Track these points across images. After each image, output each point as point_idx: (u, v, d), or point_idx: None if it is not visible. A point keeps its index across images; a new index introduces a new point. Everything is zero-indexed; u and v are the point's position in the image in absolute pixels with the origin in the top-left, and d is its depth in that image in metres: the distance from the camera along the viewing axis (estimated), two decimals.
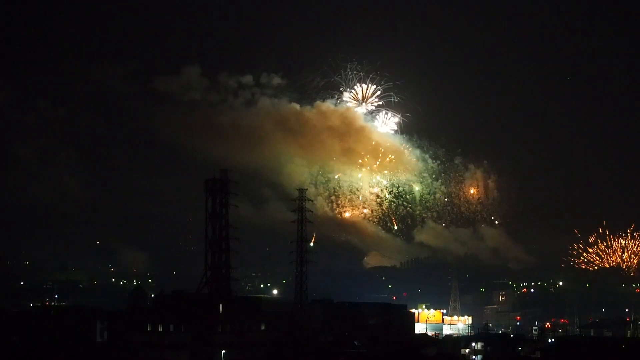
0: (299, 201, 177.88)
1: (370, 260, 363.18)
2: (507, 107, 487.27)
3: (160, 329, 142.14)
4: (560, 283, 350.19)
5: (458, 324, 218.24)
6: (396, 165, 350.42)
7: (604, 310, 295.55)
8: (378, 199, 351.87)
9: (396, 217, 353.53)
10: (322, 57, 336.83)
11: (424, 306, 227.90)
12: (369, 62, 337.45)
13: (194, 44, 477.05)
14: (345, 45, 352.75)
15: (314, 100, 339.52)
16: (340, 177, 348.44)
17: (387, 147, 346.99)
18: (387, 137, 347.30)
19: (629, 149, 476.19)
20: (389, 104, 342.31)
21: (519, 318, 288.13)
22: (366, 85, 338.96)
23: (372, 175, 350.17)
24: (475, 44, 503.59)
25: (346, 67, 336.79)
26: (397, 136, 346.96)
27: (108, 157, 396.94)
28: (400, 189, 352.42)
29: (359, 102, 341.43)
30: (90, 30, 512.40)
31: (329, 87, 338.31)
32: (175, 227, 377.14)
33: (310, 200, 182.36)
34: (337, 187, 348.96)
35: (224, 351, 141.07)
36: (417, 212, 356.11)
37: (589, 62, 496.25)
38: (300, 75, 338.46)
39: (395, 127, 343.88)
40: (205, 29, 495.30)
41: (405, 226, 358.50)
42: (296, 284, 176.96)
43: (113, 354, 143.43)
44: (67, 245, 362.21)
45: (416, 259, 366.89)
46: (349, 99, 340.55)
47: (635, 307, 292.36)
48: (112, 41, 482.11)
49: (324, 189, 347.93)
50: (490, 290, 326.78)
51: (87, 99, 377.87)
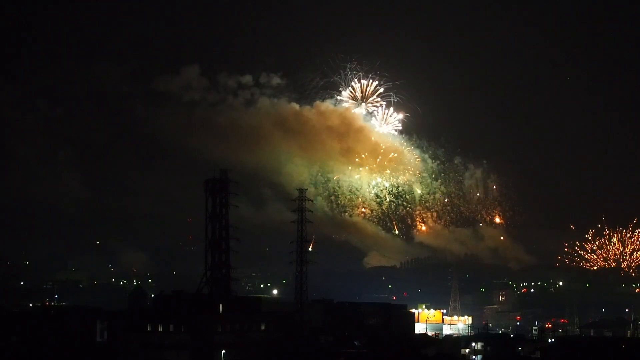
0: (299, 201, 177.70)
1: (370, 260, 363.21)
2: (506, 107, 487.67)
3: (160, 329, 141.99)
4: (560, 283, 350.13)
5: (458, 324, 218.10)
6: (396, 165, 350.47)
7: (604, 310, 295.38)
8: (378, 199, 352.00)
9: (396, 217, 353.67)
10: (322, 57, 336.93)
11: (424, 306, 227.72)
12: (369, 62, 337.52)
13: (193, 44, 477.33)
14: (344, 45, 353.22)
15: (314, 100, 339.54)
16: (339, 177, 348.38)
17: (387, 147, 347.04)
18: (387, 136, 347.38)
19: (629, 148, 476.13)
20: (389, 103, 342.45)
21: (519, 318, 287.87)
22: (366, 81, 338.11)
23: (371, 175, 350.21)
24: (475, 44, 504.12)
25: (345, 67, 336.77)
26: (397, 136, 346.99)
27: (108, 157, 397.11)
28: (400, 189, 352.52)
29: (358, 102, 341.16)
30: (89, 30, 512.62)
31: (329, 87, 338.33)
32: (175, 227, 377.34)
33: (310, 200, 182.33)
34: (337, 187, 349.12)
35: (224, 351, 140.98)
36: (417, 212, 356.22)
37: (589, 62, 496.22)
38: (299, 75, 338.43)
39: (399, 125, 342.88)
40: (204, 29, 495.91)
41: (405, 226, 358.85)
42: (296, 284, 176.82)
43: (113, 354, 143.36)
44: (67, 245, 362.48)
45: (416, 259, 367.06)
46: (348, 99, 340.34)
47: (635, 307, 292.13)
48: (112, 41, 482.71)
49: (324, 189, 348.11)
50: (490, 290, 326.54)
51: (86, 98, 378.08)
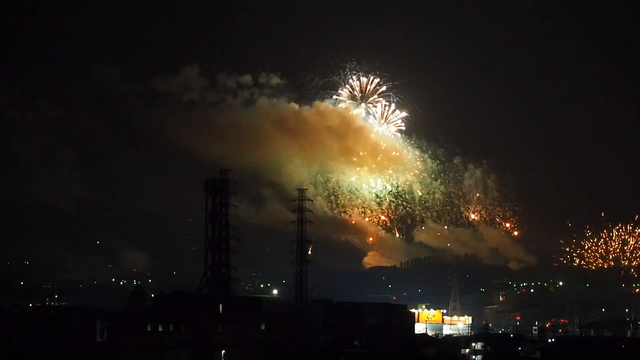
0: (299, 201, 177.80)
1: (370, 260, 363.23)
2: (506, 107, 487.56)
3: (160, 329, 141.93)
4: (560, 283, 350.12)
5: (458, 324, 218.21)
6: (395, 165, 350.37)
7: (604, 310, 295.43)
8: (377, 199, 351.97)
9: (395, 217, 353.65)
10: (321, 57, 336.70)
11: (424, 306, 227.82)
12: (368, 62, 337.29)
13: (192, 43, 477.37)
14: (344, 45, 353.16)
15: (313, 100, 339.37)
16: (339, 177, 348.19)
17: (386, 146, 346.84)
18: (386, 136, 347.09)
19: (628, 148, 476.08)
20: (389, 101, 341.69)
21: (519, 318, 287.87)
22: (366, 79, 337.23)
23: (371, 175, 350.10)
24: (474, 44, 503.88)
25: (345, 67, 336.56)
26: (397, 136, 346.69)
27: (108, 157, 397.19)
28: (400, 189, 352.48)
29: (357, 101, 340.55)
30: (89, 30, 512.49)
31: (328, 87, 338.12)
32: (175, 227, 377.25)
33: (310, 200, 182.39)
34: (337, 187, 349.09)
35: (224, 351, 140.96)
36: (417, 212, 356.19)
37: (588, 61, 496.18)
38: (299, 75, 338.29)
39: (402, 125, 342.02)
40: (203, 28, 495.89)
41: (405, 226, 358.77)
42: (296, 284, 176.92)
43: (113, 354, 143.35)
44: (67, 245, 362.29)
45: (416, 259, 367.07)
46: (347, 98, 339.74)
47: (635, 307, 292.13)
48: (111, 41, 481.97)
49: (323, 189, 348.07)
50: (490, 290, 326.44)
51: (86, 99, 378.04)
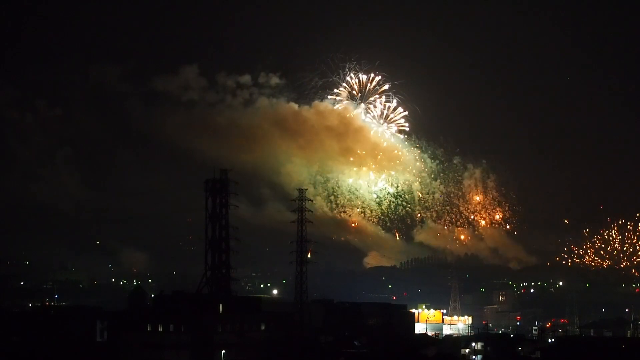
0: (299, 201, 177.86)
1: (370, 260, 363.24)
2: (505, 107, 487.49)
3: (160, 329, 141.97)
4: (560, 283, 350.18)
5: (458, 324, 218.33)
6: (395, 165, 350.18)
7: (604, 310, 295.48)
8: (377, 199, 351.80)
9: (395, 217, 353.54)
10: (320, 57, 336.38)
11: (424, 306, 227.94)
12: (368, 62, 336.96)
13: (192, 43, 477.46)
14: (343, 45, 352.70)
15: (312, 100, 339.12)
16: (338, 177, 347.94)
17: (386, 146, 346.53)
18: (386, 136, 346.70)
19: (628, 147, 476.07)
20: (389, 99, 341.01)
21: (519, 318, 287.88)
22: (366, 76, 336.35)
23: (370, 175, 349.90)
24: (474, 44, 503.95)
25: (344, 66, 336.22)
26: (396, 135, 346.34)
27: (107, 157, 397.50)
28: (399, 188, 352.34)
29: (357, 101, 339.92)
30: (88, 30, 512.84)
31: (327, 87, 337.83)
32: (175, 227, 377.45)
33: (310, 200, 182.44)
34: (336, 187, 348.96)
35: (224, 351, 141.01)
36: (417, 212, 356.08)
37: (587, 61, 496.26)
38: (298, 75, 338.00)
39: (406, 125, 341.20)
40: (203, 28, 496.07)
41: (405, 226, 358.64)
42: (296, 284, 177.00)
43: (113, 354, 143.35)
44: (67, 245, 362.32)
45: (416, 259, 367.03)
46: (347, 97, 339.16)
47: (635, 307, 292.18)
48: (110, 41, 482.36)
49: (323, 189, 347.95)
50: (490, 290, 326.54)
51: (85, 98, 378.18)
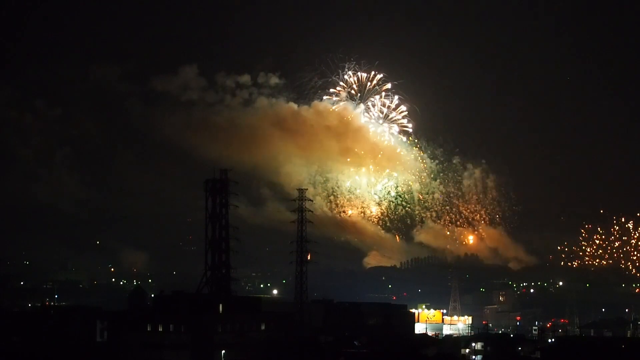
0: (299, 201, 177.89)
1: (370, 260, 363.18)
2: (505, 107, 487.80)
3: (160, 329, 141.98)
4: (560, 283, 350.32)
5: (458, 324, 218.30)
6: (395, 165, 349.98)
7: (604, 310, 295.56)
8: (378, 199, 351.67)
9: (395, 217, 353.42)
10: (320, 57, 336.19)
11: (424, 306, 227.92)
12: (367, 62, 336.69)
13: (191, 44, 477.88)
14: (343, 45, 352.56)
15: (312, 100, 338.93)
16: (338, 177, 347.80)
17: (385, 146, 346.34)
18: (385, 135, 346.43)
19: (628, 147, 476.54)
20: (390, 97, 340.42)
21: (519, 318, 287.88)
22: (367, 74, 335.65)
23: (370, 174, 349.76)
24: (473, 43, 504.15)
25: (344, 66, 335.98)
26: (395, 135, 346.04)
27: (107, 157, 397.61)
28: (399, 188, 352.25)
29: (356, 100, 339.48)
30: (88, 30, 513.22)
31: (327, 87, 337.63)
32: (175, 227, 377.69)
33: (309, 200, 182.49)
34: (336, 187, 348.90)
35: (224, 351, 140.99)
36: (416, 212, 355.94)
37: (586, 61, 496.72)
38: (297, 75, 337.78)
39: (408, 125, 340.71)
40: (202, 28, 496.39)
41: (404, 226, 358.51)
42: (296, 284, 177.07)
43: (113, 354, 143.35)
44: (67, 245, 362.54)
45: (416, 259, 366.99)
46: (346, 97, 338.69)
47: (635, 307, 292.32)
48: (110, 41, 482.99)
49: (322, 189, 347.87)
50: (490, 290, 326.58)
51: (85, 98, 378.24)
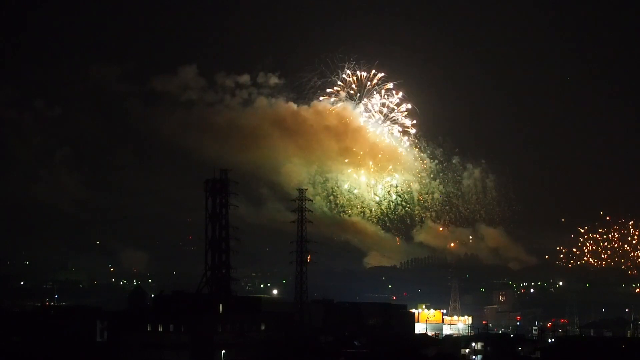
0: (299, 201, 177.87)
1: (370, 260, 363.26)
2: (505, 107, 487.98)
3: (160, 329, 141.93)
4: (560, 283, 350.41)
5: (458, 324, 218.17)
6: (394, 165, 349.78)
7: (604, 310, 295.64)
8: (377, 199, 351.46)
9: (395, 217, 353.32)
10: (320, 57, 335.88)
11: (424, 306, 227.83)
12: (367, 62, 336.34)
13: (190, 44, 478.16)
14: (342, 45, 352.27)
15: (311, 99, 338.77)
16: (337, 177, 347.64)
17: (385, 146, 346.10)
18: (384, 135, 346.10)
19: (627, 148, 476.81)
20: (390, 95, 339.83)
21: (519, 318, 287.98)
22: (367, 73, 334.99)
23: (369, 174, 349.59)
24: (473, 43, 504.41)
25: (344, 66, 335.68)
26: (395, 135, 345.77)
27: (107, 156, 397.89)
28: (399, 188, 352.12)
29: (355, 100, 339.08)
30: (87, 30, 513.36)
31: (326, 87, 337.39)
32: (175, 227, 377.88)
33: (309, 200, 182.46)
34: (335, 186, 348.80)
35: (224, 351, 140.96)
36: (416, 212, 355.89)
37: (587, 62, 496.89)
38: (297, 74, 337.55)
39: (410, 126, 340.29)
40: (202, 28, 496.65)
41: (404, 226, 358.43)
42: (296, 284, 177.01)
43: (113, 354, 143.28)
44: (67, 245, 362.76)
45: (416, 259, 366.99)
46: (345, 97, 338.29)
47: (635, 307, 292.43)
48: (110, 41, 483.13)
49: (322, 189, 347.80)
50: (490, 290, 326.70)
51: (84, 98, 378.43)
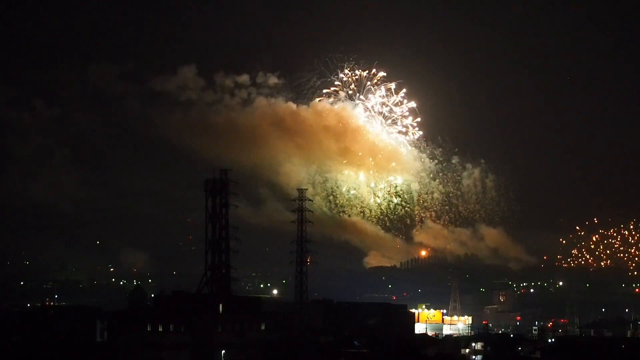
0: (299, 201, 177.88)
1: (370, 260, 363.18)
2: (503, 107, 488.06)
3: (160, 329, 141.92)
4: (560, 283, 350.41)
5: (458, 324, 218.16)
6: (394, 165, 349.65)
7: (604, 310, 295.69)
8: (377, 198, 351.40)
9: (394, 217, 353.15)
10: (319, 57, 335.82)
11: (424, 306, 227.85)
12: (367, 62, 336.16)
13: (190, 43, 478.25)
14: (342, 45, 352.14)
15: (311, 99, 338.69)
16: (337, 177, 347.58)
17: (384, 146, 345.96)
18: (384, 135, 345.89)
19: (627, 148, 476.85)
20: (390, 94, 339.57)
21: (519, 318, 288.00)
22: (367, 72, 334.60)
23: (369, 174, 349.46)
24: (472, 43, 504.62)
25: (343, 66, 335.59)
26: (395, 135, 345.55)
27: (106, 157, 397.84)
28: (398, 188, 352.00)
29: (355, 100, 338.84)
30: (86, 30, 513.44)
31: (326, 87, 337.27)
32: (175, 227, 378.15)
33: (309, 200, 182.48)
34: (335, 186, 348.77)
35: (224, 351, 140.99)
36: (416, 212, 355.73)
37: (586, 62, 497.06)
38: (296, 74, 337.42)
39: (414, 126, 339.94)
40: (201, 29, 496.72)
41: (404, 226, 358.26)
42: (296, 284, 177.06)
43: (113, 354, 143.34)
44: (67, 245, 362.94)
45: (416, 259, 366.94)
46: (345, 97, 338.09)
47: (635, 307, 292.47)
48: (109, 41, 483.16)
49: (322, 189, 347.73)
50: (490, 290, 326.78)
51: (83, 98, 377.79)
